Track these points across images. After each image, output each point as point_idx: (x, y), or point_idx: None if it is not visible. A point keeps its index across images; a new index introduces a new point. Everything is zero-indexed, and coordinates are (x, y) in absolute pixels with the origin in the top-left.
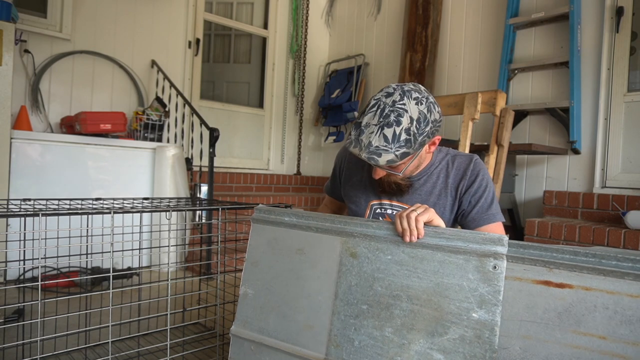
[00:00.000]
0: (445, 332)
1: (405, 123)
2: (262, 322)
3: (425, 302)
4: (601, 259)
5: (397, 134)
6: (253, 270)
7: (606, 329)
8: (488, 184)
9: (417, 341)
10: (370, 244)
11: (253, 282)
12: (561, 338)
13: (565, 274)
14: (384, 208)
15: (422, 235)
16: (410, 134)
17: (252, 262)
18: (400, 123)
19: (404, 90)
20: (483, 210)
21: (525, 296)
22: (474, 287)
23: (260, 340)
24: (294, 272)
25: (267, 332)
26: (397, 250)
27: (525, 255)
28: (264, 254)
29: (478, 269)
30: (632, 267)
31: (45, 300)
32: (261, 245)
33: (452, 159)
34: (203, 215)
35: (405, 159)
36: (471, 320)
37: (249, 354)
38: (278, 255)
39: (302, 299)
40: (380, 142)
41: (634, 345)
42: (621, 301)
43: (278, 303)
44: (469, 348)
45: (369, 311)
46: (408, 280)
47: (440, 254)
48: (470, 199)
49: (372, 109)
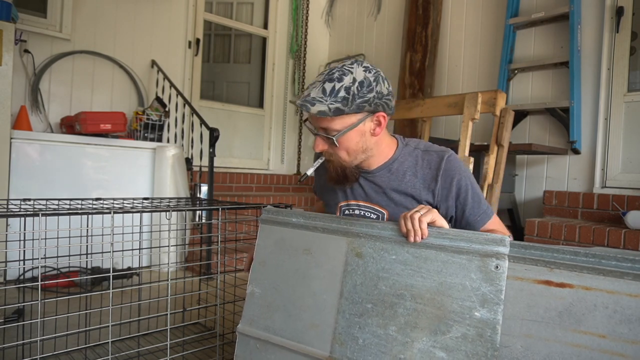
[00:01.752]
0: (448, 330)
1: (347, 82)
2: (268, 320)
3: (429, 301)
4: (601, 259)
5: (336, 89)
6: (260, 270)
7: (606, 327)
8: (468, 181)
9: (420, 339)
10: (375, 244)
11: (260, 282)
12: (562, 337)
13: (565, 274)
14: (352, 209)
15: (425, 236)
16: (350, 93)
17: (260, 261)
18: (342, 80)
19: (357, 60)
20: (475, 212)
21: (526, 295)
22: (476, 287)
23: (266, 338)
24: (300, 271)
25: (273, 330)
26: (402, 250)
27: (526, 255)
28: (272, 254)
29: (480, 268)
30: (631, 267)
31: (45, 300)
32: (269, 245)
33: (422, 155)
34: (203, 215)
35: (337, 118)
36: (473, 319)
37: (254, 351)
38: (285, 255)
39: (308, 298)
40: (318, 94)
41: (633, 344)
42: (621, 300)
43: (284, 302)
44: (471, 346)
45: (373, 310)
46: (412, 280)
47: (443, 254)
48: (456, 204)
49: (325, 71)
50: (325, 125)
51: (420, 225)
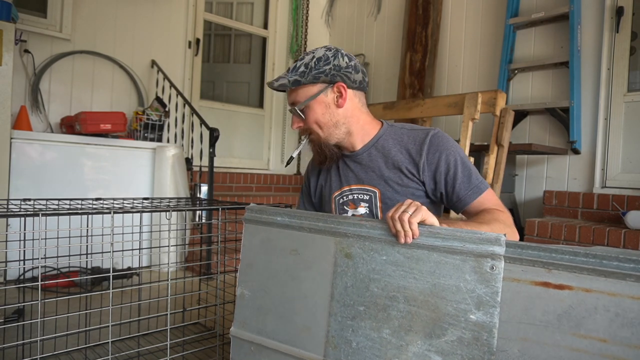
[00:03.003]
0: (443, 333)
1: (307, 59)
2: (260, 323)
3: (422, 303)
4: (602, 259)
5: (297, 66)
6: (248, 272)
7: (607, 331)
8: (457, 156)
9: (415, 343)
10: (364, 244)
11: (249, 283)
12: (560, 340)
13: (564, 275)
14: (345, 196)
15: (417, 236)
16: (308, 67)
17: (247, 263)
18: (303, 59)
19: (326, 46)
20: (465, 187)
21: (523, 298)
22: (471, 289)
23: (259, 342)
24: (289, 273)
25: (266, 333)
26: (392, 251)
27: (523, 255)
28: (258, 255)
29: (475, 269)
30: (634, 268)
31: (45, 300)
32: (254, 245)
33: (407, 132)
34: (203, 215)
35: (299, 89)
36: (469, 322)
37: (249, 355)
38: (272, 255)
39: (299, 300)
40: (283, 73)
41: (635, 349)
42: (623, 303)
43: (275, 304)
44: (467, 350)
45: (365, 312)
46: (404, 281)
47: (436, 254)
48: (445, 179)
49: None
50: (292, 100)
51: (411, 227)
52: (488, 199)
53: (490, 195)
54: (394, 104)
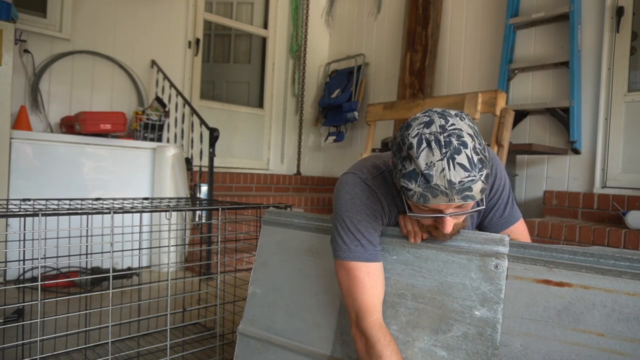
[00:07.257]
0: (448, 329)
1: (470, 143)
2: (270, 320)
3: (430, 300)
4: (599, 258)
5: (470, 157)
6: (262, 270)
7: (604, 326)
8: (506, 182)
9: (422, 338)
10: None
11: (262, 282)
12: (561, 335)
13: (564, 273)
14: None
15: (426, 236)
16: (478, 152)
17: (261, 262)
18: (467, 145)
19: (438, 112)
20: (499, 213)
21: (525, 295)
22: (476, 286)
23: (267, 339)
24: (302, 272)
25: (275, 330)
26: (402, 251)
27: (525, 254)
28: (273, 255)
29: (480, 268)
30: (629, 266)
31: (45, 300)
32: (270, 246)
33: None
34: (203, 215)
35: (487, 183)
36: (474, 318)
37: (254, 352)
38: (287, 255)
39: (310, 298)
40: (460, 174)
41: (631, 342)
42: (619, 299)
43: (286, 302)
44: (472, 345)
45: None
46: (413, 280)
47: (444, 254)
48: (490, 199)
49: (421, 146)
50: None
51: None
52: (519, 229)
53: (522, 226)
54: (394, 104)
